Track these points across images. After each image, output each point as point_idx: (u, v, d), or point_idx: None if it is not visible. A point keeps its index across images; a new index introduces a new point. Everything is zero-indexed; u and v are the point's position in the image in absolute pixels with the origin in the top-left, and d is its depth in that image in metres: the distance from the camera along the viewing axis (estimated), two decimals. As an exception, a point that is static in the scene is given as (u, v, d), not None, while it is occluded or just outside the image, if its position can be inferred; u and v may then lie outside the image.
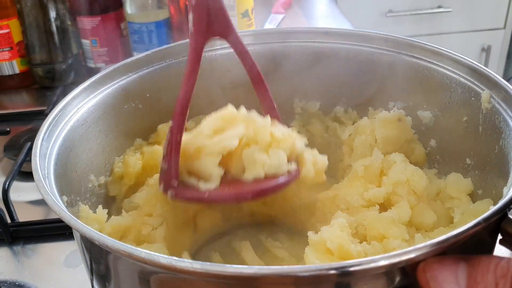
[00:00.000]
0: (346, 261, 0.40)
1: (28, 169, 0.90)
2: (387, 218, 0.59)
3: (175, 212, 0.65)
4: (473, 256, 0.43)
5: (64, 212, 0.48)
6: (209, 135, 0.61)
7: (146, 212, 0.64)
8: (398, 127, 0.71)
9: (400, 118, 0.70)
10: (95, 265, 0.52)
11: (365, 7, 2.19)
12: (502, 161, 0.58)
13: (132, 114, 0.73)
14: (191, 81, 0.62)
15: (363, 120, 0.74)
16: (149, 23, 1.25)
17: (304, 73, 0.79)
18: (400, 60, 0.72)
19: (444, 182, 0.66)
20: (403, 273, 0.43)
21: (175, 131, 0.61)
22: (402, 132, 0.71)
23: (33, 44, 1.26)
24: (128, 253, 0.42)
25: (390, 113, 0.71)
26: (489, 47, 2.39)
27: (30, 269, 0.77)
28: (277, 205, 0.70)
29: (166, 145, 0.61)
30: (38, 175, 0.53)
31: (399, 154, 0.67)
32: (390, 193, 0.63)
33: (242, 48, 0.65)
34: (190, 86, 0.62)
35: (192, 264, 0.40)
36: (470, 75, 0.65)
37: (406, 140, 0.72)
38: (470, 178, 0.65)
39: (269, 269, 0.40)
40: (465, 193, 0.64)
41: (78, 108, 0.66)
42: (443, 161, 0.71)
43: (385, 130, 0.71)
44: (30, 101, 1.27)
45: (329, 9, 1.74)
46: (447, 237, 0.42)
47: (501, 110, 0.60)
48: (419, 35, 2.10)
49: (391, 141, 0.71)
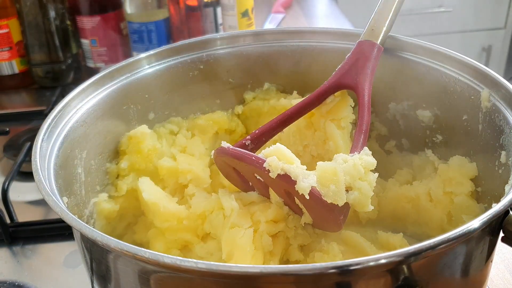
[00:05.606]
0: (346, 261, 0.40)
1: (28, 169, 0.90)
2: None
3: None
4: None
5: (66, 212, 0.48)
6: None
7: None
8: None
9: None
10: (96, 265, 0.51)
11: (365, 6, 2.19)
12: (502, 159, 0.58)
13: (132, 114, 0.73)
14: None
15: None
16: (149, 23, 1.25)
17: (301, 72, 0.79)
18: (400, 60, 0.72)
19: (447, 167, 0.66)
20: (403, 272, 0.43)
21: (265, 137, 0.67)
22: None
23: (32, 44, 1.26)
24: (132, 253, 0.42)
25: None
26: (490, 47, 2.39)
27: (30, 270, 0.77)
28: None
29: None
30: (38, 175, 0.53)
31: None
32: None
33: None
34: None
35: (197, 264, 0.40)
36: (469, 74, 0.65)
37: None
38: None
39: (272, 268, 0.40)
40: (468, 178, 0.64)
41: (78, 108, 0.66)
42: (443, 159, 0.71)
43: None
44: (29, 101, 1.27)
45: (329, 8, 1.74)
46: (449, 235, 0.42)
47: (501, 108, 0.60)
48: (419, 35, 2.10)
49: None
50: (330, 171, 0.56)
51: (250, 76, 0.80)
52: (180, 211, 0.66)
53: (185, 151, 0.77)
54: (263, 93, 0.81)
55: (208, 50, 0.78)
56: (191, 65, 0.77)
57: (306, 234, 0.63)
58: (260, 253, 0.59)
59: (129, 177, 0.71)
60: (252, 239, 0.59)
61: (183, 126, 0.79)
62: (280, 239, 0.61)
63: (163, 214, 0.66)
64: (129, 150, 0.71)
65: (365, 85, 0.65)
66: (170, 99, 0.77)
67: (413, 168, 0.73)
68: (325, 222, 0.60)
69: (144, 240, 0.69)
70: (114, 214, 0.68)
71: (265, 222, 0.60)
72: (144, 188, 0.68)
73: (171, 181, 0.73)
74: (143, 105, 0.75)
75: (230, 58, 0.79)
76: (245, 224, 0.60)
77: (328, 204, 0.56)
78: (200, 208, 0.66)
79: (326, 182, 0.55)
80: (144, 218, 0.71)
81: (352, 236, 0.63)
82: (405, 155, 0.76)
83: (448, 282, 0.48)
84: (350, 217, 0.61)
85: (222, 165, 0.66)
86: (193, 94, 0.79)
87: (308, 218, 0.61)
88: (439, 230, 0.65)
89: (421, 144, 0.74)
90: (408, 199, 0.67)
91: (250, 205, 0.63)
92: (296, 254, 0.62)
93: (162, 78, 0.75)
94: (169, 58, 0.76)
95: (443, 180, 0.66)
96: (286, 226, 0.62)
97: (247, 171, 0.63)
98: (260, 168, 0.57)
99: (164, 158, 0.73)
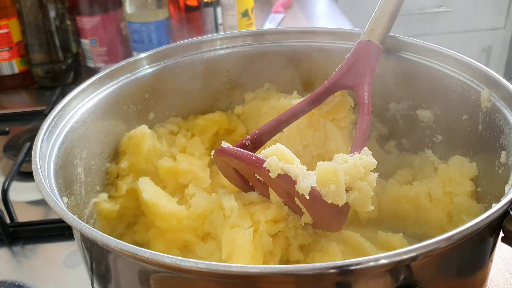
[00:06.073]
0: (346, 261, 0.40)
1: (28, 169, 0.90)
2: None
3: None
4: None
5: (66, 212, 0.48)
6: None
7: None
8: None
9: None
10: (96, 265, 0.51)
11: (365, 6, 2.19)
12: (502, 159, 0.58)
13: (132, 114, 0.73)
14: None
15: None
16: (148, 23, 1.25)
17: (301, 72, 0.79)
18: (400, 60, 0.72)
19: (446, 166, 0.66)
20: (403, 271, 0.43)
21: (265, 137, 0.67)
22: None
23: (32, 44, 1.26)
24: (132, 253, 0.42)
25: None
26: (490, 47, 2.39)
27: (30, 270, 0.77)
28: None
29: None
30: (38, 175, 0.53)
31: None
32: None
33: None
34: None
35: (197, 264, 0.40)
36: (469, 73, 0.65)
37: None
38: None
39: (272, 268, 0.40)
40: (468, 178, 0.64)
41: (78, 108, 0.66)
42: (443, 159, 0.71)
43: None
44: (29, 101, 1.27)
45: (329, 8, 1.74)
46: (449, 235, 0.42)
47: (501, 108, 0.60)
48: (419, 35, 2.10)
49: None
50: (330, 171, 0.56)
51: (250, 76, 0.80)
52: (180, 211, 0.66)
53: (185, 151, 0.77)
54: (263, 93, 0.81)
55: (208, 50, 0.78)
56: (191, 65, 0.77)
57: (306, 234, 0.62)
58: (260, 253, 0.59)
59: (129, 177, 0.71)
60: (252, 239, 0.59)
61: (183, 126, 0.79)
62: (280, 239, 0.61)
63: (163, 214, 0.66)
64: (129, 150, 0.71)
65: (365, 85, 0.65)
66: (170, 99, 0.77)
67: (413, 168, 0.73)
68: (325, 222, 0.60)
69: (144, 240, 0.69)
70: (114, 214, 0.68)
71: (265, 222, 0.60)
72: (144, 188, 0.68)
73: (171, 181, 0.73)
74: (143, 105, 0.75)
75: (230, 58, 0.79)
76: (245, 224, 0.60)
77: (328, 204, 0.55)
78: (200, 208, 0.66)
79: (326, 182, 0.55)
80: (144, 218, 0.71)
81: (352, 236, 0.63)
82: (405, 155, 0.76)
83: (448, 282, 0.48)
84: (350, 217, 0.61)
85: (222, 165, 0.66)
86: (193, 94, 0.79)
87: (308, 218, 0.61)
88: (439, 230, 0.65)
89: (421, 144, 0.74)
90: (408, 199, 0.67)
91: (250, 205, 0.63)
92: (296, 254, 0.62)
93: (162, 78, 0.75)
94: (169, 58, 0.76)
95: (443, 180, 0.66)
96: (286, 226, 0.62)
97: (247, 171, 0.63)
98: (260, 168, 0.57)
99: (164, 158, 0.73)
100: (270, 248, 0.60)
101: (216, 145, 0.79)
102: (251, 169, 0.60)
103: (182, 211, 0.66)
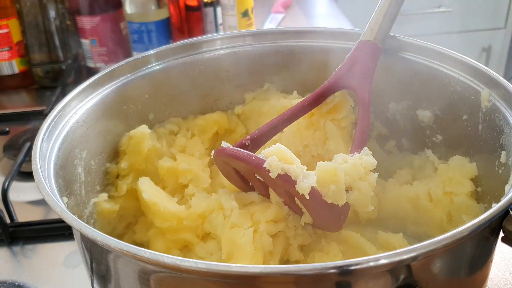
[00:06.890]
0: (346, 261, 0.40)
1: (28, 169, 0.90)
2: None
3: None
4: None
5: (66, 212, 0.48)
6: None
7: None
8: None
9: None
10: (96, 265, 0.51)
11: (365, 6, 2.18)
12: (502, 159, 0.58)
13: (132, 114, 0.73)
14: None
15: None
16: (148, 23, 1.25)
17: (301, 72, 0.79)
18: (400, 60, 0.72)
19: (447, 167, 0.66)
20: (403, 271, 0.43)
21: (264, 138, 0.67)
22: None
23: (32, 44, 1.26)
24: (132, 253, 0.42)
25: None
26: (490, 47, 2.39)
27: (30, 270, 0.77)
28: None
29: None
30: (38, 175, 0.53)
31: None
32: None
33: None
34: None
35: (196, 264, 0.40)
36: (469, 73, 0.65)
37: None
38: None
39: (272, 268, 0.40)
40: (468, 178, 0.64)
41: (78, 108, 0.66)
42: (443, 159, 0.71)
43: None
44: (29, 101, 1.27)
45: (329, 8, 1.74)
46: (449, 235, 0.42)
47: (501, 108, 0.60)
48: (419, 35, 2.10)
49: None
50: (330, 171, 0.56)
51: (250, 76, 0.80)
52: (180, 211, 0.66)
53: (185, 151, 0.77)
54: (263, 93, 0.81)
55: (208, 50, 0.78)
56: (191, 65, 0.77)
57: (306, 234, 0.63)
58: (260, 253, 0.59)
59: (129, 177, 0.71)
60: (252, 239, 0.59)
61: (183, 126, 0.79)
62: (280, 239, 0.61)
63: (163, 214, 0.66)
64: (129, 150, 0.71)
65: (365, 85, 0.65)
66: (170, 99, 0.77)
67: (413, 168, 0.73)
68: (325, 222, 0.60)
69: (144, 240, 0.69)
70: (114, 214, 0.68)
71: (265, 222, 0.60)
72: (144, 188, 0.68)
73: (171, 181, 0.73)
74: (143, 105, 0.75)
75: (230, 58, 0.79)
76: (245, 224, 0.60)
77: (328, 204, 0.55)
78: (200, 208, 0.66)
79: (326, 182, 0.55)
80: (144, 218, 0.71)
81: (352, 236, 0.63)
82: (405, 155, 0.76)
83: (448, 282, 0.48)
84: (350, 217, 0.61)
85: (222, 165, 0.66)
86: (193, 94, 0.79)
87: (308, 218, 0.61)
88: (439, 230, 0.65)
89: (421, 144, 0.74)
90: (408, 199, 0.67)
91: (250, 205, 0.63)
92: (296, 254, 0.62)
93: (162, 78, 0.75)
94: (169, 58, 0.76)
95: (443, 180, 0.66)
96: (286, 226, 0.62)
97: (247, 171, 0.63)
98: (260, 168, 0.57)
99: (164, 158, 0.73)
100: (270, 248, 0.60)
101: (216, 145, 0.79)
102: (251, 169, 0.60)
103: (182, 211, 0.66)
